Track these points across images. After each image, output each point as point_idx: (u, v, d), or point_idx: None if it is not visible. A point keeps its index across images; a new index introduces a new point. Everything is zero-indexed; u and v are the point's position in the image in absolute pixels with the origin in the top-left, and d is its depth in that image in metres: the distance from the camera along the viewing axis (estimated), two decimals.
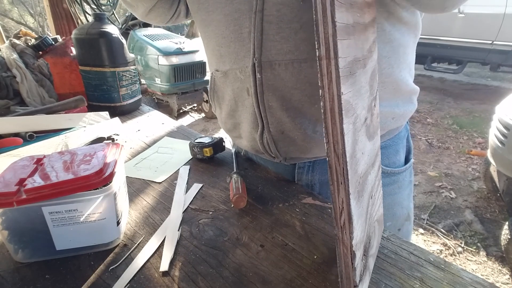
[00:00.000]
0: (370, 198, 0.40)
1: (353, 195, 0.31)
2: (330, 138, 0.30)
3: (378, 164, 0.45)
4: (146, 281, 0.42)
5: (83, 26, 0.99)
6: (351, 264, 0.32)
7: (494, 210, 2.20)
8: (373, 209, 0.42)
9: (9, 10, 10.15)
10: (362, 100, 0.35)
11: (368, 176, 0.39)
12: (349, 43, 0.30)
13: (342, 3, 0.29)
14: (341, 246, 0.33)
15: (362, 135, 0.36)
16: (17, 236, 0.43)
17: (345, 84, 0.29)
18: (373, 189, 0.42)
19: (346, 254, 0.33)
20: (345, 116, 0.29)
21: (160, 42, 3.81)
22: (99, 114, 0.93)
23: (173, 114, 3.91)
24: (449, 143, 3.27)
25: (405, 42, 0.55)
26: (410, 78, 0.60)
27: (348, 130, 0.30)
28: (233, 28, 0.52)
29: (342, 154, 0.30)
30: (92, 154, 0.49)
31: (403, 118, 0.62)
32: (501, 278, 1.67)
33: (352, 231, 0.31)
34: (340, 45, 0.28)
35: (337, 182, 0.31)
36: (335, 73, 0.28)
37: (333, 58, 0.28)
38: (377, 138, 0.44)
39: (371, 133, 0.40)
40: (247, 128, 0.59)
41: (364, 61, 0.36)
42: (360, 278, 0.35)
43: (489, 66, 4.59)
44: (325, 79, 0.29)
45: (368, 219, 0.39)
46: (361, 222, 0.35)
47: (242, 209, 0.56)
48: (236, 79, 0.56)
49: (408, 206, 0.70)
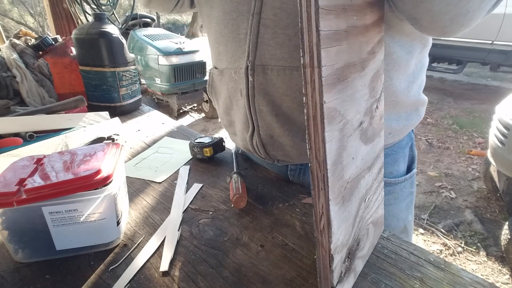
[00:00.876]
0: (363, 202, 0.40)
1: (334, 200, 0.32)
2: (312, 145, 0.30)
3: (378, 167, 0.45)
4: (146, 281, 0.42)
5: (83, 26, 0.99)
6: (329, 266, 0.33)
7: (494, 210, 2.20)
8: (366, 212, 0.41)
9: (9, 10, 10.14)
10: (356, 105, 0.35)
11: (361, 180, 0.38)
12: (339, 49, 0.30)
13: (331, 10, 0.28)
14: (321, 248, 0.34)
15: (354, 140, 0.35)
16: (17, 236, 0.43)
17: (331, 91, 0.29)
18: (369, 192, 0.41)
19: (325, 257, 0.34)
20: (328, 124, 0.29)
21: (160, 42, 3.81)
22: (99, 114, 0.93)
23: (173, 114, 3.91)
24: (449, 143, 3.27)
25: (407, 54, 0.51)
26: (414, 88, 0.56)
27: (331, 137, 0.30)
28: (231, 28, 0.52)
29: (323, 161, 0.30)
30: (92, 154, 0.49)
31: (402, 133, 0.59)
32: (501, 278, 1.67)
33: (331, 235, 0.32)
34: (325, 53, 0.28)
35: (318, 187, 0.31)
36: (318, 81, 0.28)
37: (316, 66, 0.27)
38: (378, 140, 0.44)
39: (369, 137, 0.40)
40: (240, 127, 0.59)
41: (362, 64, 0.36)
42: (339, 280, 0.35)
43: (489, 66, 4.59)
44: (308, 87, 0.29)
45: (358, 222, 0.39)
46: (345, 227, 0.35)
47: (242, 209, 0.56)
48: (231, 78, 0.56)
49: (406, 219, 0.67)
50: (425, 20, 0.39)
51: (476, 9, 0.36)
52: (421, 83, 0.59)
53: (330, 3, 0.28)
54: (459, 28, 0.39)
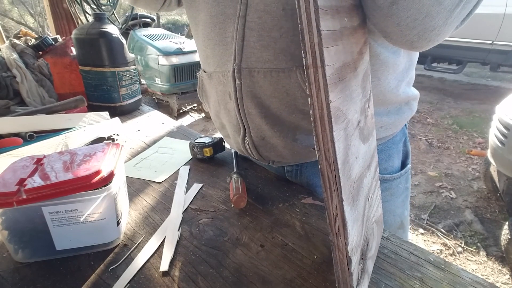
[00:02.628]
0: (367, 201, 0.40)
1: (346, 201, 0.31)
2: (321, 146, 0.30)
3: (374, 165, 0.45)
4: (146, 281, 0.42)
5: (83, 26, 0.99)
6: (347, 269, 0.33)
7: (494, 210, 2.20)
8: (370, 211, 0.41)
9: (9, 10, 10.14)
10: (354, 104, 0.35)
11: (364, 179, 0.38)
12: (337, 49, 0.30)
13: (327, 11, 0.28)
14: (337, 252, 0.33)
15: (355, 139, 0.35)
16: (17, 236, 0.43)
17: (334, 91, 0.29)
18: (370, 191, 0.42)
19: (342, 260, 0.33)
20: (335, 123, 0.29)
21: (160, 42, 3.81)
22: (99, 114, 0.93)
23: (173, 114, 3.91)
24: (449, 143, 3.27)
25: (393, 54, 0.52)
26: (403, 86, 0.57)
27: (339, 137, 0.30)
28: (218, 31, 0.52)
29: (333, 161, 0.30)
30: (92, 154, 0.49)
31: (395, 127, 0.59)
32: (501, 278, 1.67)
33: (347, 237, 0.31)
34: (327, 53, 0.28)
35: (330, 189, 0.31)
36: (322, 81, 0.28)
37: (320, 66, 0.28)
38: (372, 140, 0.44)
39: (365, 136, 0.40)
40: (231, 130, 0.60)
41: (354, 64, 0.36)
42: (358, 283, 0.35)
43: (489, 66, 4.59)
44: (313, 88, 0.29)
45: (366, 222, 0.39)
46: (357, 227, 0.34)
47: (242, 209, 0.56)
48: (219, 82, 0.55)
49: (402, 214, 0.67)
50: (394, 34, 0.40)
51: (442, 25, 0.37)
52: (410, 80, 0.59)
53: (327, 3, 0.28)
54: (427, 43, 0.40)
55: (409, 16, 0.36)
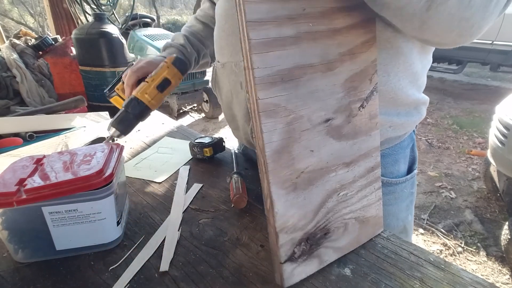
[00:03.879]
0: (334, 195, 0.42)
1: (279, 185, 0.37)
2: (255, 134, 0.36)
3: (367, 165, 0.45)
4: (146, 281, 0.42)
5: (83, 26, 1.00)
6: (275, 242, 0.38)
7: (494, 210, 2.20)
8: (341, 206, 0.43)
9: (9, 10, 10.15)
10: (318, 102, 0.38)
11: (330, 174, 0.41)
12: (282, 53, 0.35)
13: (266, 22, 0.33)
14: (269, 225, 0.39)
15: (314, 134, 0.39)
16: (17, 236, 0.43)
17: (270, 89, 0.34)
18: (346, 187, 0.43)
19: (272, 233, 0.38)
20: (267, 117, 0.34)
21: (160, 42, 3.80)
22: (99, 114, 0.93)
23: (173, 114, 3.91)
24: (449, 143, 3.27)
25: (407, 51, 0.51)
26: (413, 88, 0.56)
27: (272, 128, 0.35)
28: (231, 23, 0.55)
29: (262, 148, 0.35)
30: (92, 154, 0.49)
31: (404, 128, 0.58)
32: (501, 278, 1.67)
33: (275, 214, 0.37)
34: (258, 57, 0.33)
35: (262, 171, 0.37)
36: (253, 81, 0.33)
37: (251, 68, 0.33)
38: (364, 139, 0.44)
39: (345, 134, 0.42)
40: (241, 121, 0.60)
41: (328, 65, 0.39)
42: (290, 259, 0.39)
43: (489, 66, 4.59)
44: (248, 86, 0.35)
45: (326, 213, 0.42)
46: (299, 212, 0.39)
47: (242, 209, 0.56)
48: (231, 72, 0.57)
49: (406, 219, 0.67)
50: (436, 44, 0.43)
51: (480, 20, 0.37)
52: (421, 84, 0.59)
53: (267, 15, 0.33)
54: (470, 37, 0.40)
55: (443, 28, 0.37)
